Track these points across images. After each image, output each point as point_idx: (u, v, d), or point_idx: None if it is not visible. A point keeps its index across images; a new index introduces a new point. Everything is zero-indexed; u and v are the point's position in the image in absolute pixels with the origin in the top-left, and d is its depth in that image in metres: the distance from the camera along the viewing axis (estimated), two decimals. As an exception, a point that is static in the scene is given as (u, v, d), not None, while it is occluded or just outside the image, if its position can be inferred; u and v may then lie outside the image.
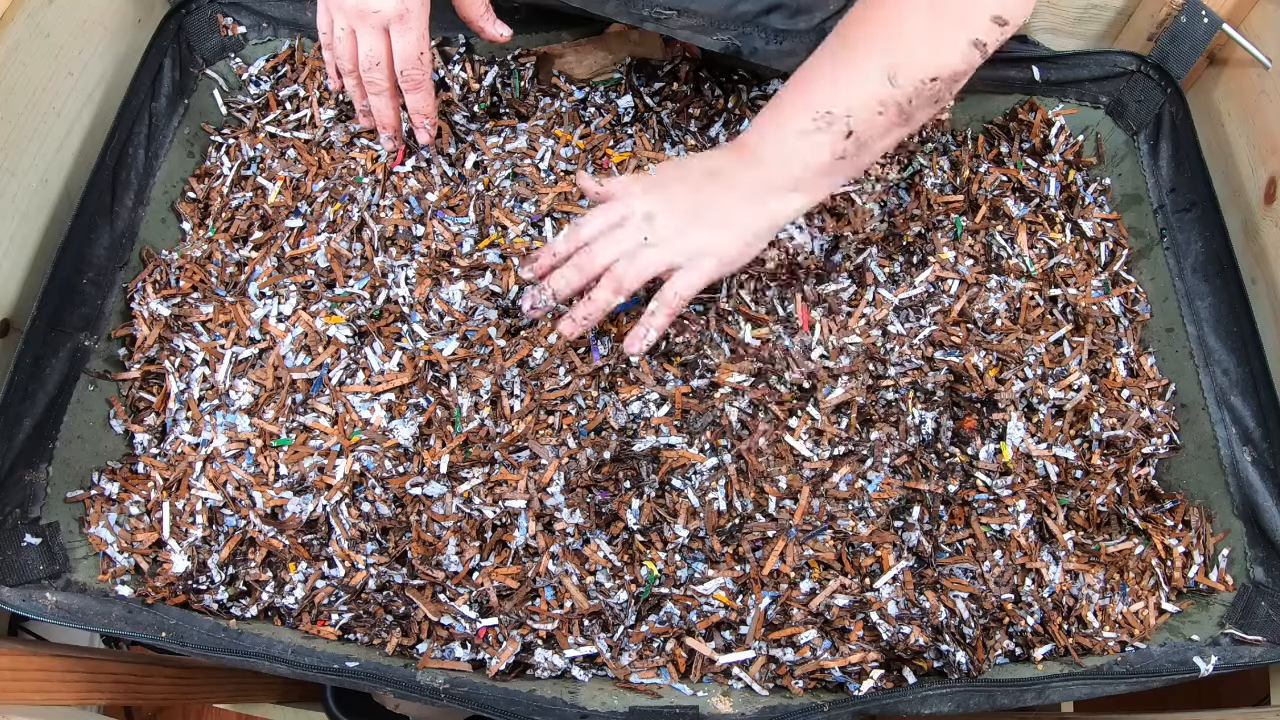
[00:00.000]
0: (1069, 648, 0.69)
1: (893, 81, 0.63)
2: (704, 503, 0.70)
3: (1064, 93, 0.94)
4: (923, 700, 0.62)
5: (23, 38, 0.74)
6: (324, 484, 0.70)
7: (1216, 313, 0.81)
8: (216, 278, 0.80)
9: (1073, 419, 0.79)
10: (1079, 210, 0.91)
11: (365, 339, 0.75)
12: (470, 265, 0.78)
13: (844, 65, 0.66)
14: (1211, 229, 0.82)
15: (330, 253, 0.79)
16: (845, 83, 0.65)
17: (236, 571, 0.69)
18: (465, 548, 0.69)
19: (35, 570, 0.66)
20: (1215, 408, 0.79)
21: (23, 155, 0.75)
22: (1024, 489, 0.74)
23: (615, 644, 0.67)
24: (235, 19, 0.89)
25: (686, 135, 0.88)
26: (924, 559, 0.70)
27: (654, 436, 0.71)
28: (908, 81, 0.63)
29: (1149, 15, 0.89)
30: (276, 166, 0.86)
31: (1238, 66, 0.88)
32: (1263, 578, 0.73)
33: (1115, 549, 0.75)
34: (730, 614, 0.67)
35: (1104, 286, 0.88)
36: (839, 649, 0.66)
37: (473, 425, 0.71)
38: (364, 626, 0.67)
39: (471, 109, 0.88)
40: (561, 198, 0.82)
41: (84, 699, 0.71)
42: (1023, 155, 0.94)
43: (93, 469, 0.73)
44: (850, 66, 0.65)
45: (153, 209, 0.82)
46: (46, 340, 0.70)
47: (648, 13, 0.77)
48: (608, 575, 0.68)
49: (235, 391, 0.74)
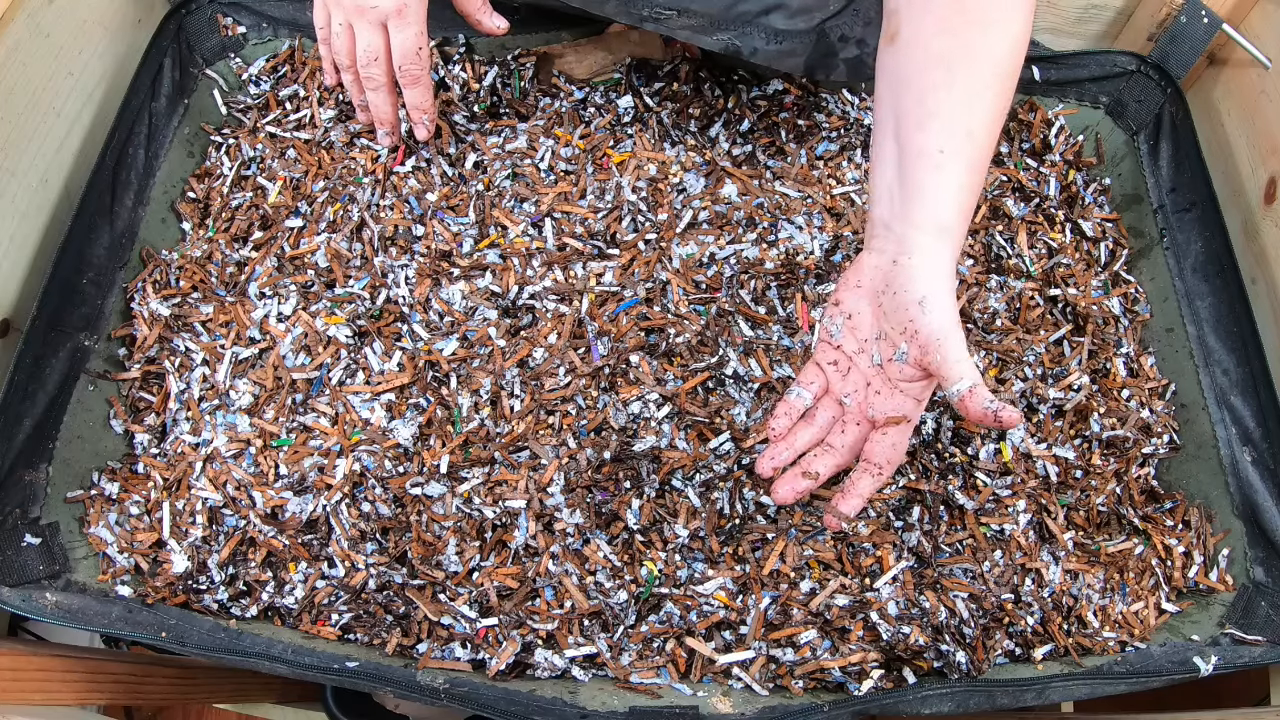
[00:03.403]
0: (1069, 648, 0.69)
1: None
2: (705, 502, 0.70)
3: (1064, 93, 0.94)
4: (923, 700, 0.62)
5: (23, 38, 0.74)
6: (324, 484, 0.70)
7: (1216, 313, 0.81)
8: (216, 278, 0.80)
9: (1073, 419, 0.79)
10: (1079, 210, 0.91)
11: (365, 339, 0.75)
12: (470, 265, 0.78)
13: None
14: (1211, 229, 0.82)
15: (330, 253, 0.79)
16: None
17: (236, 571, 0.69)
18: (465, 548, 0.69)
19: (35, 570, 0.66)
20: (1215, 408, 0.79)
21: (23, 155, 0.75)
22: (1024, 489, 0.74)
23: (615, 644, 0.67)
24: (235, 19, 0.89)
25: (686, 135, 0.88)
26: (924, 559, 0.70)
27: (654, 437, 0.71)
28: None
29: (1149, 15, 0.89)
30: (276, 166, 0.86)
31: (1238, 66, 0.88)
32: (1263, 578, 0.73)
33: (1115, 549, 0.75)
34: (730, 614, 0.67)
35: (1104, 286, 0.88)
36: (839, 649, 0.66)
37: (473, 425, 0.71)
38: (364, 626, 0.67)
39: (471, 109, 0.88)
40: (561, 198, 0.82)
41: (84, 699, 0.70)
42: (1023, 155, 0.94)
43: (93, 469, 0.73)
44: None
45: (153, 209, 0.82)
46: (46, 340, 0.70)
47: (648, 13, 0.77)
48: (608, 575, 0.68)
49: (235, 391, 0.74)
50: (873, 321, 0.62)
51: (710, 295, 0.78)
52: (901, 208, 0.60)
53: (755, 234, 0.81)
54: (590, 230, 0.80)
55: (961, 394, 0.55)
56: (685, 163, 0.86)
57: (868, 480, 0.63)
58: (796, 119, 0.90)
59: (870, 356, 0.63)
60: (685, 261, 0.79)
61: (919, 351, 0.58)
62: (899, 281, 0.59)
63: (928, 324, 0.57)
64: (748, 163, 0.87)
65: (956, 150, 0.58)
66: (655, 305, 0.77)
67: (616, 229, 0.81)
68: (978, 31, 0.59)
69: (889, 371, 0.62)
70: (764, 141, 0.88)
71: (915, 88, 0.60)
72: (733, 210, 0.82)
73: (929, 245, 0.58)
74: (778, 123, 0.89)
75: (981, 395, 0.55)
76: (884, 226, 0.61)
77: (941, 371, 0.57)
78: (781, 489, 0.64)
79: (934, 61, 0.60)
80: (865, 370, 0.63)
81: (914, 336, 0.58)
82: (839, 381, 0.65)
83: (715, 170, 0.85)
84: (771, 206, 0.83)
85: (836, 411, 0.65)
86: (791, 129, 0.89)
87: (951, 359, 0.56)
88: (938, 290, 0.58)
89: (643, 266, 0.78)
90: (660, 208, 0.82)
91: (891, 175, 0.61)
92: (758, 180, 0.85)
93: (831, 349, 0.65)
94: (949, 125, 0.59)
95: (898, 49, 0.62)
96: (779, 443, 0.65)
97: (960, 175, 0.59)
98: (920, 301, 0.58)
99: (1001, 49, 0.59)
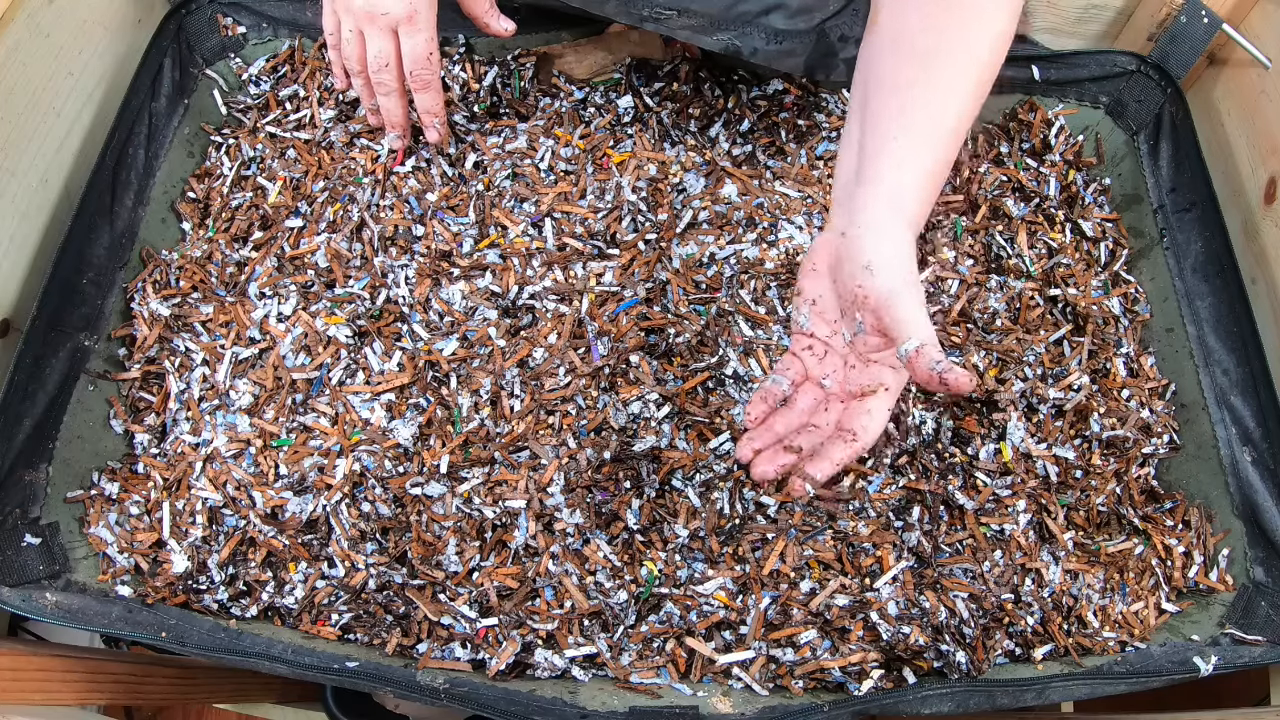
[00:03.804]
0: (1069, 648, 0.69)
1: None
2: (705, 502, 0.70)
3: (1064, 93, 0.94)
4: (923, 700, 0.62)
5: (23, 38, 0.74)
6: (324, 484, 0.70)
7: (1216, 313, 0.81)
8: (216, 278, 0.80)
9: (1073, 419, 0.79)
10: (1079, 210, 0.91)
11: (365, 339, 0.75)
12: (470, 265, 0.78)
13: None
14: (1211, 229, 0.82)
15: (330, 253, 0.79)
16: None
17: (236, 571, 0.69)
18: (465, 548, 0.69)
19: (35, 570, 0.66)
20: (1215, 408, 0.79)
21: (23, 155, 0.75)
22: (1024, 489, 0.74)
23: (615, 644, 0.67)
24: (235, 19, 0.89)
25: (686, 135, 0.88)
26: (924, 559, 0.70)
27: (653, 437, 0.71)
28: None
29: (1149, 15, 0.89)
30: (276, 166, 0.86)
31: (1238, 66, 0.88)
32: (1263, 578, 0.73)
33: (1115, 549, 0.75)
34: (730, 614, 0.67)
35: (1104, 286, 0.88)
36: (839, 649, 0.66)
37: (473, 425, 0.71)
38: (364, 626, 0.67)
39: (471, 109, 0.88)
40: (561, 198, 0.82)
41: (84, 699, 0.70)
42: (1022, 155, 0.94)
43: (93, 469, 0.73)
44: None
45: (153, 209, 0.82)
46: (46, 340, 0.70)
47: (648, 13, 0.77)
48: (608, 575, 0.68)
49: (235, 391, 0.74)
50: (834, 301, 0.62)
51: (710, 295, 0.78)
52: (857, 185, 0.59)
53: (755, 234, 0.81)
54: (590, 230, 0.80)
55: (909, 354, 0.53)
56: (685, 163, 0.86)
57: (839, 446, 0.61)
58: (796, 119, 0.90)
59: (842, 336, 0.62)
60: (685, 261, 0.79)
61: (873, 317, 0.57)
62: (847, 252, 0.58)
63: (876, 287, 0.56)
64: (748, 163, 0.87)
65: (920, 129, 0.58)
66: (655, 305, 0.77)
67: (616, 229, 0.81)
68: (957, 25, 0.59)
69: (858, 346, 0.61)
70: (764, 141, 0.88)
71: (890, 80, 0.60)
72: (733, 210, 0.82)
73: (879, 215, 0.57)
74: (778, 123, 0.89)
75: (929, 355, 0.52)
76: (839, 205, 0.61)
77: (892, 331, 0.55)
78: (761, 464, 0.62)
79: (912, 53, 0.60)
80: (841, 350, 0.63)
81: (864, 303, 0.57)
82: (816, 365, 0.64)
83: (715, 170, 0.85)
84: (771, 206, 0.83)
85: (818, 394, 0.65)
86: (791, 129, 0.89)
87: (901, 317, 0.54)
88: (884, 253, 0.56)
89: (643, 266, 0.78)
90: (660, 208, 0.82)
91: (854, 156, 0.61)
92: (758, 180, 0.85)
93: (805, 337, 0.65)
94: (914, 105, 0.58)
95: (876, 38, 0.63)
96: (758, 427, 0.64)
97: (920, 154, 0.58)
98: (867, 265, 0.56)
99: (979, 42, 0.59)
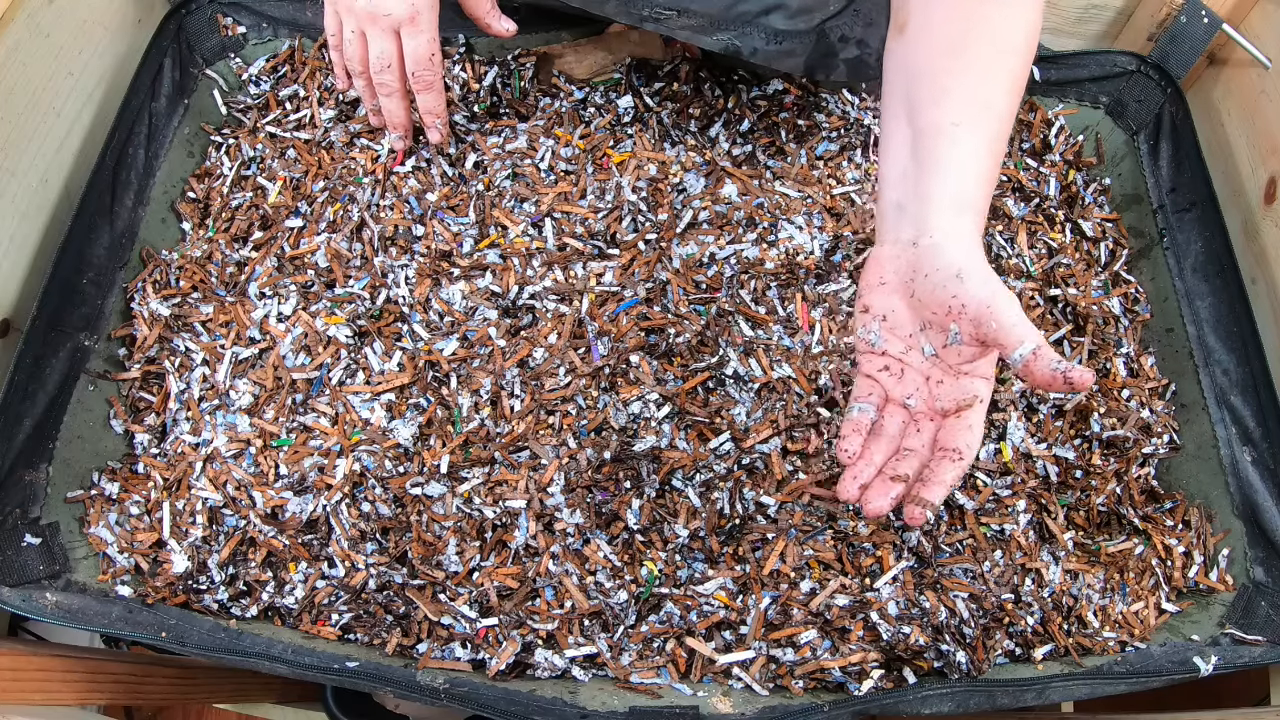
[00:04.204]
0: (1069, 648, 0.69)
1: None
2: (705, 502, 0.70)
3: (1064, 93, 0.94)
4: (923, 700, 0.62)
5: (23, 38, 0.74)
6: (324, 484, 0.70)
7: (1216, 313, 0.81)
8: (216, 278, 0.80)
9: (1073, 419, 0.79)
10: (1079, 210, 0.91)
11: (365, 339, 0.75)
12: (470, 265, 0.78)
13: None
14: (1211, 229, 0.82)
15: (330, 253, 0.79)
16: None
17: (236, 571, 0.69)
18: (465, 548, 0.69)
19: (35, 570, 0.66)
20: (1215, 408, 0.79)
21: (23, 155, 0.75)
22: (1024, 489, 0.74)
23: (615, 644, 0.67)
24: (235, 19, 0.89)
25: (686, 135, 0.88)
26: (924, 559, 0.70)
27: (654, 437, 0.71)
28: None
29: (1149, 15, 0.89)
30: (276, 166, 0.86)
31: (1238, 66, 0.88)
32: (1263, 578, 0.73)
33: (1115, 549, 0.75)
34: (730, 614, 0.67)
35: (1104, 286, 0.88)
36: (839, 649, 0.66)
37: (473, 425, 0.71)
38: (364, 626, 0.67)
39: (471, 109, 0.88)
40: (561, 198, 0.82)
41: (84, 699, 0.70)
42: (1023, 155, 0.94)
43: (93, 469, 0.73)
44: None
45: (153, 209, 0.82)
46: (46, 340, 0.70)
47: (648, 13, 0.77)
48: (608, 575, 0.68)
49: (235, 391, 0.74)
50: (911, 315, 0.58)
51: (710, 295, 0.78)
52: (917, 187, 0.57)
53: (755, 234, 0.81)
54: (590, 230, 0.80)
55: (1025, 359, 0.50)
56: (685, 163, 0.86)
57: (948, 466, 0.56)
58: (796, 119, 0.90)
59: (921, 351, 0.58)
60: (685, 261, 0.79)
61: (972, 326, 0.54)
62: (927, 262, 0.55)
63: (973, 294, 0.53)
64: (748, 163, 0.87)
65: (974, 120, 0.56)
66: (655, 305, 0.77)
67: (616, 229, 0.81)
68: (986, 16, 0.59)
69: (946, 358, 0.57)
70: (764, 141, 0.88)
71: (927, 71, 0.59)
72: (733, 210, 0.82)
73: (951, 220, 0.55)
74: (778, 123, 0.89)
75: (1047, 357, 0.50)
76: (897, 209, 0.58)
77: (1000, 339, 0.52)
78: (874, 500, 0.56)
79: (945, 44, 0.59)
80: (920, 366, 0.59)
81: (961, 312, 0.54)
82: (896, 386, 0.59)
83: (715, 170, 0.85)
84: (771, 206, 0.83)
85: (904, 416, 0.59)
86: (791, 129, 0.89)
87: (1008, 323, 0.52)
88: (972, 258, 0.54)
89: (643, 266, 0.78)
90: (660, 208, 0.82)
91: (905, 158, 0.59)
92: (758, 180, 0.85)
93: (876, 356, 0.60)
94: (964, 98, 0.57)
95: (908, 38, 0.61)
96: (858, 462, 0.58)
97: (979, 145, 0.56)
98: (958, 274, 0.53)
99: (1010, 30, 0.58)
